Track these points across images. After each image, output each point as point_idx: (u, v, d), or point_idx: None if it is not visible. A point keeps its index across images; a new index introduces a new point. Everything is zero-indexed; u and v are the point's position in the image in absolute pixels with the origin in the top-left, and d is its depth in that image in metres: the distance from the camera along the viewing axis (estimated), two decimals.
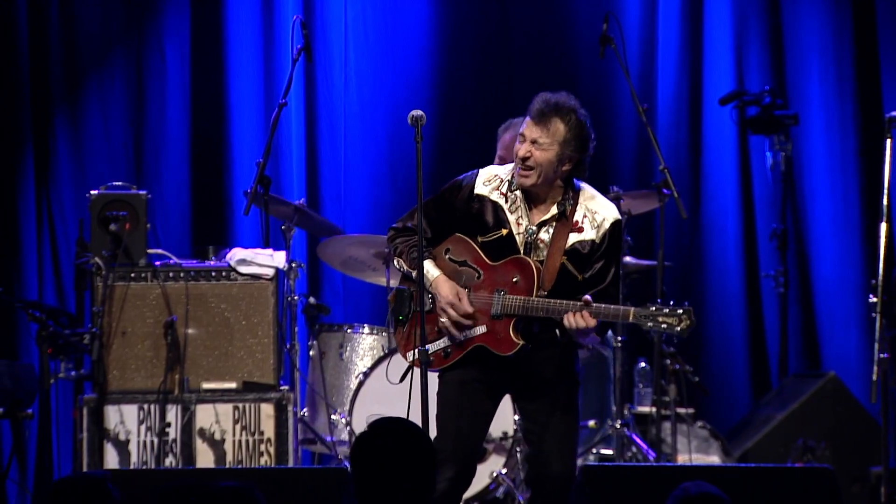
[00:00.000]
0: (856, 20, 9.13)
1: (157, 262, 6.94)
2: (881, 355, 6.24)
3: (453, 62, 8.98)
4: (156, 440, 6.74)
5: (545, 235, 5.37)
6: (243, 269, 6.87)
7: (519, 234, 5.38)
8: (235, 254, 6.91)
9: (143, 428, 6.76)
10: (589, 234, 5.35)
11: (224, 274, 6.89)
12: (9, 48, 8.39)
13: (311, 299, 7.59)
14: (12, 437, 6.95)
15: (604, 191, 7.27)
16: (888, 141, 6.39)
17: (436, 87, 8.93)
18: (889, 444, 6.66)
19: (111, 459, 6.73)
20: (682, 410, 7.64)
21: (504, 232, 5.40)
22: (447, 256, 5.46)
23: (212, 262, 6.96)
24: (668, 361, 7.39)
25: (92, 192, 6.98)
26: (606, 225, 5.36)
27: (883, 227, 6.34)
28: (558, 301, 5.25)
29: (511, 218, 5.40)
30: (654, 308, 5.19)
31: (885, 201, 6.37)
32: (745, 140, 9.16)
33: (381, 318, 7.64)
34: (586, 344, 5.39)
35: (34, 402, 6.95)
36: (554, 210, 5.37)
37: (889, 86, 8.97)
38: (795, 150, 9.01)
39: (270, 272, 6.87)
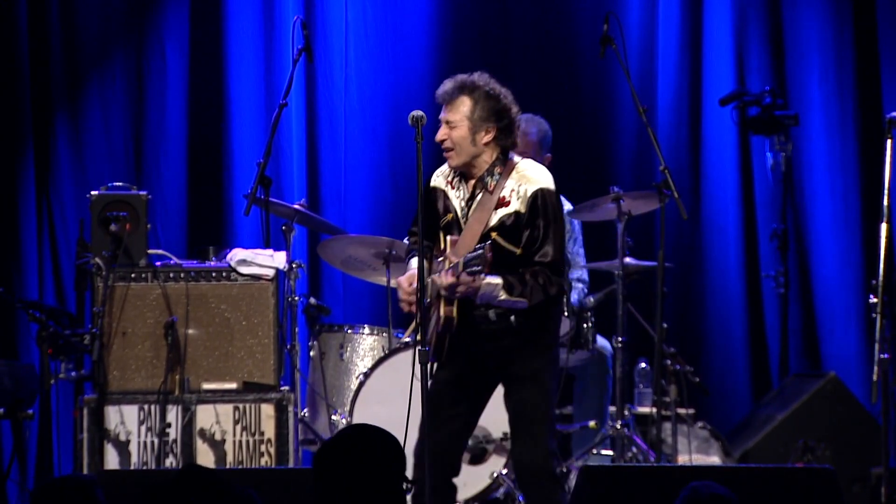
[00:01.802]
0: (856, 20, 9.12)
1: (158, 263, 6.93)
2: (881, 355, 6.24)
3: (454, 62, 8.97)
4: (156, 440, 6.74)
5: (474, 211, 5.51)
6: (243, 270, 6.87)
7: (462, 215, 5.52)
8: (236, 254, 6.91)
9: (143, 428, 6.76)
10: (514, 206, 5.44)
11: (224, 274, 6.89)
12: (9, 48, 8.39)
13: (312, 300, 7.59)
14: (13, 437, 6.95)
15: (603, 191, 7.31)
16: (888, 141, 6.40)
17: (436, 87, 8.89)
18: (889, 444, 6.66)
19: (111, 460, 6.73)
20: (682, 411, 7.64)
21: (450, 216, 5.55)
22: (434, 256, 5.58)
23: (212, 263, 6.96)
24: (669, 362, 7.39)
25: (92, 192, 6.98)
26: (528, 194, 5.44)
27: (883, 227, 6.34)
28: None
29: (455, 202, 5.55)
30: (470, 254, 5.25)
31: (885, 201, 6.37)
32: (746, 140, 9.16)
33: (381, 318, 7.63)
34: (487, 302, 5.46)
35: (34, 403, 6.95)
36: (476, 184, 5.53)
37: (889, 86, 8.97)
38: (796, 150, 9.01)
39: (271, 272, 6.86)
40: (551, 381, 5.48)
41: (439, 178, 5.66)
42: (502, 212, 5.45)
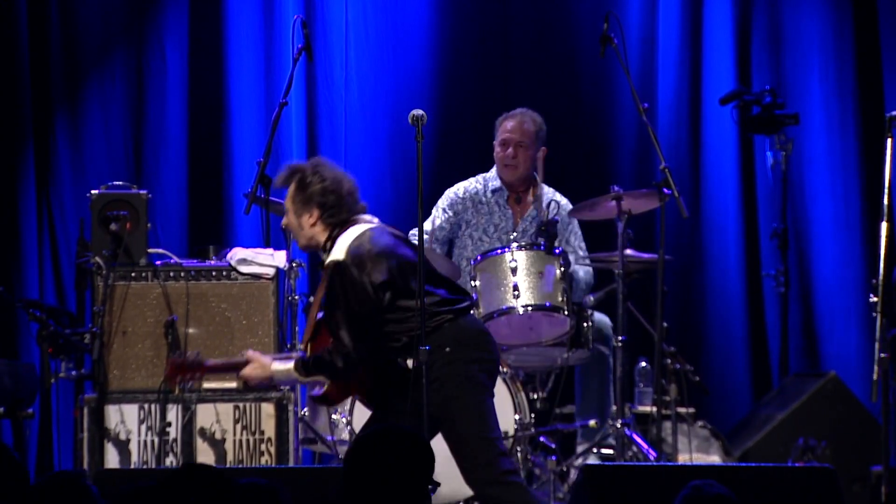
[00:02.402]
0: (856, 19, 9.12)
1: (158, 262, 6.94)
2: (881, 355, 6.24)
3: (454, 62, 8.98)
4: (156, 440, 6.74)
5: None
6: (244, 269, 6.87)
7: None
8: (236, 253, 6.91)
9: (143, 427, 6.76)
10: (326, 280, 5.67)
11: (224, 273, 6.89)
12: (9, 48, 8.39)
13: (312, 298, 7.59)
14: (13, 436, 6.95)
15: (603, 190, 7.31)
16: (889, 140, 6.39)
17: (436, 86, 8.93)
18: (889, 443, 6.66)
19: (112, 459, 6.73)
20: (682, 410, 7.63)
21: None
22: None
23: (212, 262, 6.96)
24: (669, 361, 7.38)
25: (92, 191, 6.98)
26: (325, 269, 5.65)
27: (883, 226, 6.34)
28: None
29: None
30: None
31: (885, 201, 6.37)
32: (746, 139, 9.15)
33: None
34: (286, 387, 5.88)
35: (35, 402, 6.95)
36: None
37: (890, 85, 8.97)
38: (796, 149, 9.00)
39: (271, 271, 6.87)
40: (464, 404, 5.56)
41: None
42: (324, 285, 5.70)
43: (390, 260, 5.57)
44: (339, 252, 5.58)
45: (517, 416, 6.93)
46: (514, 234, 7.64)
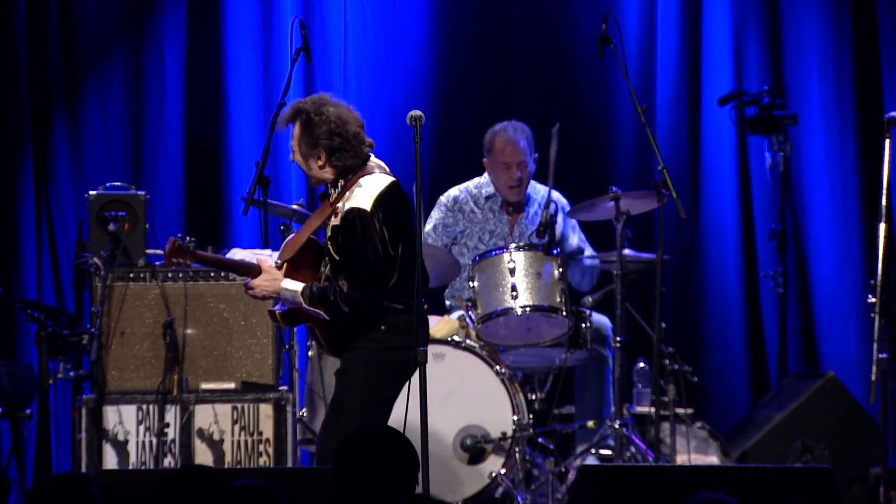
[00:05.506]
0: (855, 20, 9.12)
1: (156, 263, 6.94)
2: (880, 355, 6.25)
3: (452, 62, 8.98)
4: (154, 440, 6.74)
5: None
6: None
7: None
8: (234, 254, 6.91)
9: (141, 428, 6.76)
10: (338, 218, 5.66)
11: (223, 274, 6.89)
12: (8, 48, 8.39)
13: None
14: (11, 437, 6.95)
15: (602, 191, 7.31)
16: (887, 141, 6.40)
17: (435, 87, 8.93)
18: (888, 444, 6.66)
19: (110, 460, 6.73)
20: (680, 411, 7.63)
21: None
22: None
23: None
24: (667, 362, 7.39)
25: (91, 192, 6.99)
26: (345, 209, 5.64)
27: (882, 227, 6.35)
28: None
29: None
30: None
31: (884, 201, 6.38)
32: (744, 140, 9.15)
33: None
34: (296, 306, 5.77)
35: (33, 403, 6.95)
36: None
37: (889, 86, 8.97)
38: (794, 150, 9.01)
39: None
40: (363, 377, 5.60)
41: None
42: (333, 221, 5.68)
43: (410, 215, 5.77)
44: (364, 200, 5.63)
45: (515, 417, 6.93)
46: (508, 237, 7.66)
